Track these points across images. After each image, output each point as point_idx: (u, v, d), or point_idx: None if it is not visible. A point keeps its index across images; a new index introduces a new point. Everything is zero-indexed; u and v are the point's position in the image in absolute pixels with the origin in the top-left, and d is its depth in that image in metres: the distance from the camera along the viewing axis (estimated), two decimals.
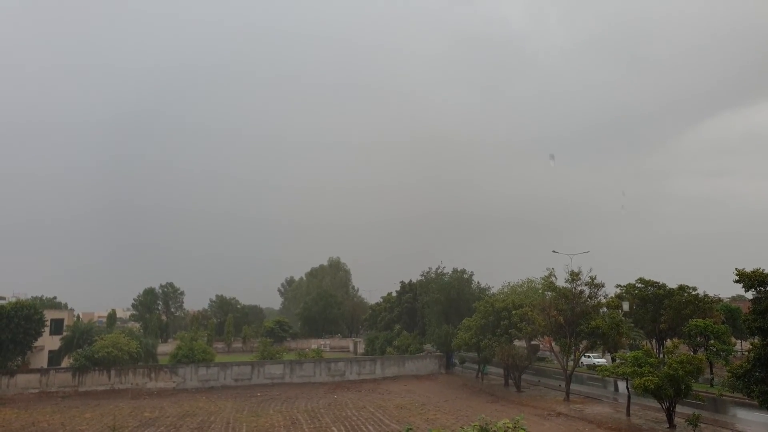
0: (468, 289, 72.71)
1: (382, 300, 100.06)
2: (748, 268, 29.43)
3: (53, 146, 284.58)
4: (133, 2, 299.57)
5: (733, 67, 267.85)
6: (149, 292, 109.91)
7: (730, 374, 30.44)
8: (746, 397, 31.07)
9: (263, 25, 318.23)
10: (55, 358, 62.45)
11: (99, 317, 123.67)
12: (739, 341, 69.31)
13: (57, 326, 64.46)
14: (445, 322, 69.29)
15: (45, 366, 59.70)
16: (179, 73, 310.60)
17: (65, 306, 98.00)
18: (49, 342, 62.12)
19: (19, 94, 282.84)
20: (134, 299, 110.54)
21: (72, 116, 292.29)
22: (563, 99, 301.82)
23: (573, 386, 49.68)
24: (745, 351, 34.38)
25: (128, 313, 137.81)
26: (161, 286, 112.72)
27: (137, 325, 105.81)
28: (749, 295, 30.01)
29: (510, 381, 55.77)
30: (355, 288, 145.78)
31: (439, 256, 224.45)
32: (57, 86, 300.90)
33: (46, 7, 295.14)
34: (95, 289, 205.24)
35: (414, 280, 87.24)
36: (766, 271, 28.35)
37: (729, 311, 63.34)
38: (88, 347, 56.18)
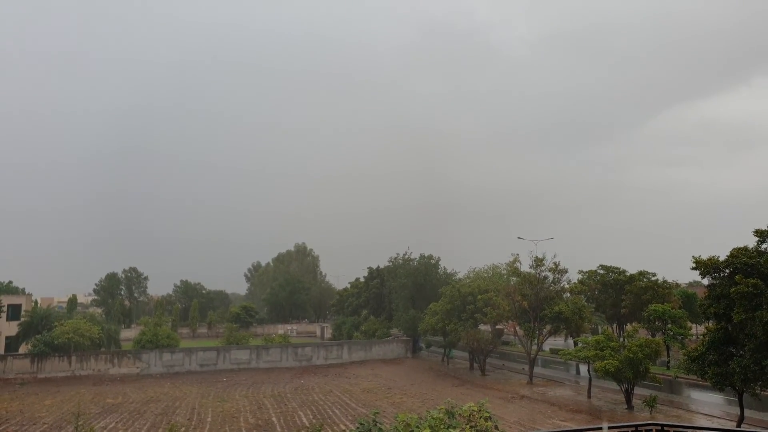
0: (435, 274, 73.32)
1: (349, 285, 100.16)
2: (704, 256, 30.36)
3: (19, 137, 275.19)
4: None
5: (689, 61, 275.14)
6: (112, 277, 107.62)
7: (685, 357, 31.45)
8: (700, 379, 32.18)
9: (232, 22, 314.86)
10: (12, 344, 60.82)
11: (59, 303, 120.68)
12: (695, 325, 71.61)
13: (14, 312, 62.66)
14: (411, 307, 69.83)
15: (2, 352, 58.12)
16: (150, 67, 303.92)
17: (23, 291, 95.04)
18: (6, 328, 60.45)
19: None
20: (96, 284, 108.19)
21: (36, 109, 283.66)
22: (526, 90, 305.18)
23: (536, 370, 50.75)
24: (700, 335, 35.55)
25: (90, 299, 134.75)
26: (124, 271, 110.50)
27: (99, 310, 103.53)
28: (705, 281, 30.95)
29: (475, 365, 56.60)
30: (323, 274, 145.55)
31: (407, 244, 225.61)
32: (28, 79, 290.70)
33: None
34: (55, 275, 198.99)
35: (382, 266, 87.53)
36: (721, 259, 29.25)
37: (686, 297, 65.20)
38: (47, 333, 54.90)
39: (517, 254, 52.13)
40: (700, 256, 30.26)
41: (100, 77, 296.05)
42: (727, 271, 28.71)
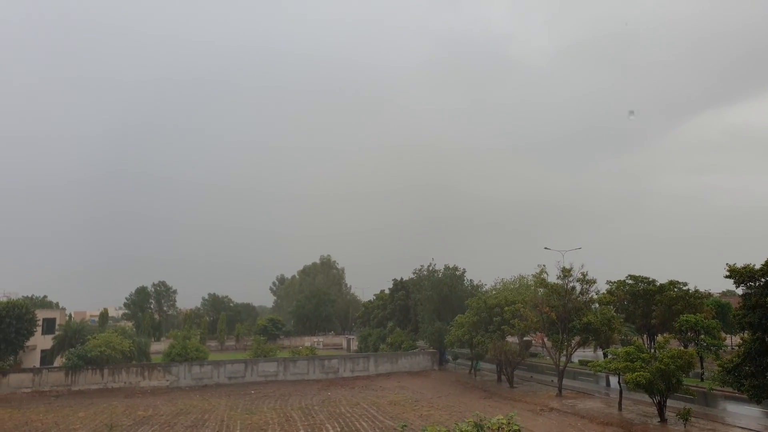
0: (460, 286, 72.86)
1: (375, 298, 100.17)
2: (738, 264, 29.71)
3: (49, 157, 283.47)
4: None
5: (713, 68, 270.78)
6: (142, 291, 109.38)
7: (720, 369, 30.75)
8: (737, 391, 31.41)
9: (253, 43, 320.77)
10: (47, 357, 62.16)
11: (91, 316, 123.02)
12: (729, 336, 69.89)
13: (49, 326, 64.17)
14: (437, 319, 69.50)
15: (37, 365, 59.39)
16: (178, 86, 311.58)
17: (57, 305, 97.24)
18: (41, 341, 61.82)
19: (13, 107, 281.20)
20: (126, 298, 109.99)
21: (64, 129, 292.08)
22: (548, 101, 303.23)
23: (565, 381, 49.96)
24: (735, 346, 34.77)
25: (120, 312, 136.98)
26: (154, 285, 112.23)
27: (130, 324, 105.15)
28: (739, 290, 30.31)
29: (503, 377, 56.02)
30: (348, 286, 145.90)
31: (431, 256, 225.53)
32: (53, 100, 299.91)
33: (44, 21, 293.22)
34: (87, 289, 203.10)
35: (406, 278, 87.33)
36: (756, 267, 28.62)
37: (719, 306, 63.74)
38: (80, 346, 56.01)
39: (544, 265, 51.54)
40: (734, 264, 29.65)
41: (124, 91, 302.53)
42: (763, 280, 28.10)
